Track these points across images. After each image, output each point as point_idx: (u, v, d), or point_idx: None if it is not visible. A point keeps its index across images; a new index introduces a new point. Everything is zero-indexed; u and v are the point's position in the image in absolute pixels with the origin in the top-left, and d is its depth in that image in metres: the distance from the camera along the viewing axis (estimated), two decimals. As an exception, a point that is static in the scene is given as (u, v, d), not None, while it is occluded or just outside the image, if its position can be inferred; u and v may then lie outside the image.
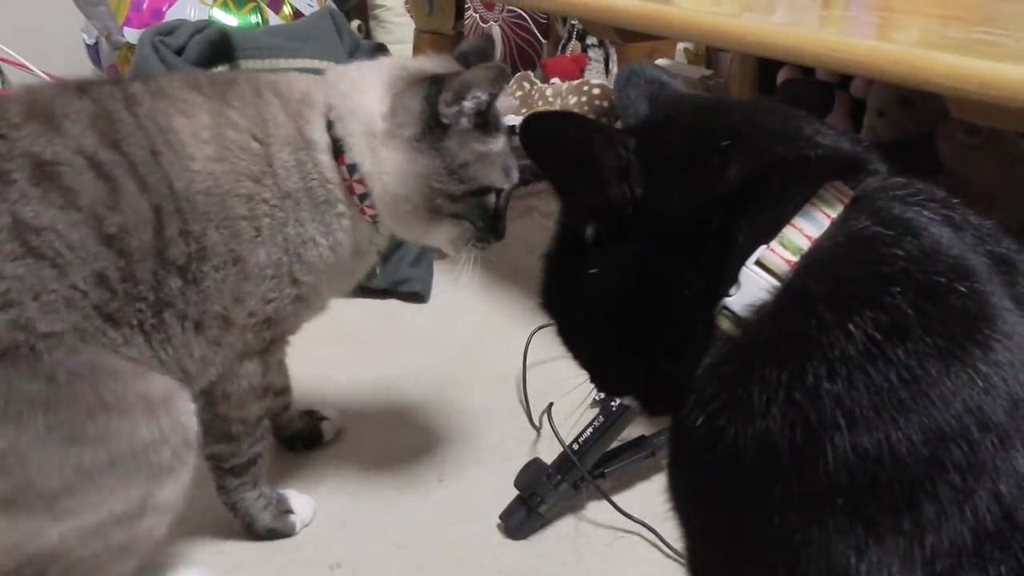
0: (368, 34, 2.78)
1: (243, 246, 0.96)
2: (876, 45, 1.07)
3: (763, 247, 0.58)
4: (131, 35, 2.13)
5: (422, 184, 1.01)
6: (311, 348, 1.59)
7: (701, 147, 0.62)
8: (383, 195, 1.03)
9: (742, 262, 0.59)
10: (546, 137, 0.64)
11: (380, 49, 2.02)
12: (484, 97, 1.00)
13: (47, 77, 2.10)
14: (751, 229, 0.59)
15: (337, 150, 1.02)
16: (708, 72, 2.57)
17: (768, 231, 0.58)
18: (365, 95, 1.04)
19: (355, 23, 2.71)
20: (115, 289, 0.87)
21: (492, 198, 1.04)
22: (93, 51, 2.30)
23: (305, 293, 1.04)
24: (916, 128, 2.04)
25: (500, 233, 1.09)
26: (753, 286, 0.58)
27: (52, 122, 0.88)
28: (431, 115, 1.00)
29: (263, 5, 2.18)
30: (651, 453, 1.22)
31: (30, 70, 2.13)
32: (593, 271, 0.64)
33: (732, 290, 0.59)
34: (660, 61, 2.71)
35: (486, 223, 1.06)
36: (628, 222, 0.62)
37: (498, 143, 1.04)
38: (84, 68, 2.42)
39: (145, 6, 2.15)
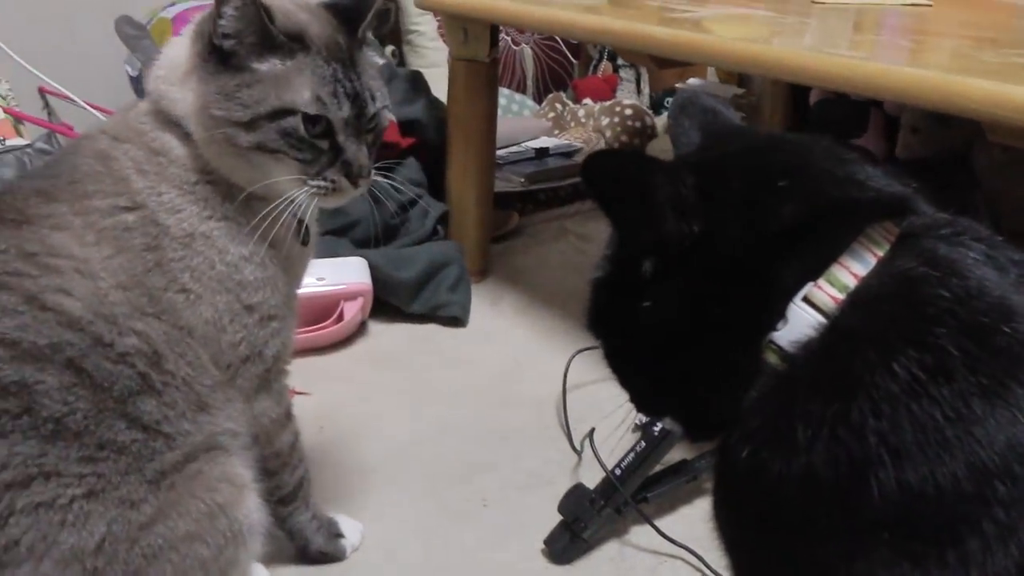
0: (402, 59, 2.82)
1: (185, 315, 0.91)
2: (911, 72, 1.08)
3: (811, 284, 0.60)
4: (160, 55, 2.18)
5: (207, 116, 0.90)
6: (351, 373, 1.63)
7: (758, 186, 0.64)
8: (198, 140, 0.92)
9: (790, 298, 0.60)
10: (607, 173, 0.66)
11: (416, 77, 2.06)
12: (239, 9, 0.87)
13: (92, 109, 2.16)
14: (800, 266, 0.61)
15: (182, 129, 0.93)
16: (740, 91, 2.58)
17: (816, 268, 0.60)
18: (173, 49, 0.96)
19: (389, 48, 2.76)
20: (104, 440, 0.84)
21: (300, 124, 0.90)
22: (136, 82, 2.35)
23: (267, 311, 0.98)
24: (952, 144, 2.03)
25: (349, 172, 0.94)
26: (800, 322, 0.60)
27: None
28: (207, 42, 0.90)
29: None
30: (693, 477, 1.23)
31: (75, 102, 2.18)
32: (646, 304, 0.66)
33: (779, 325, 0.61)
34: (692, 80, 2.73)
35: (314, 156, 0.92)
36: (683, 256, 0.64)
37: (291, 61, 0.90)
38: (127, 98, 2.48)
39: (187, 39, 2.21)
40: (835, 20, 1.56)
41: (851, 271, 0.59)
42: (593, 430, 1.31)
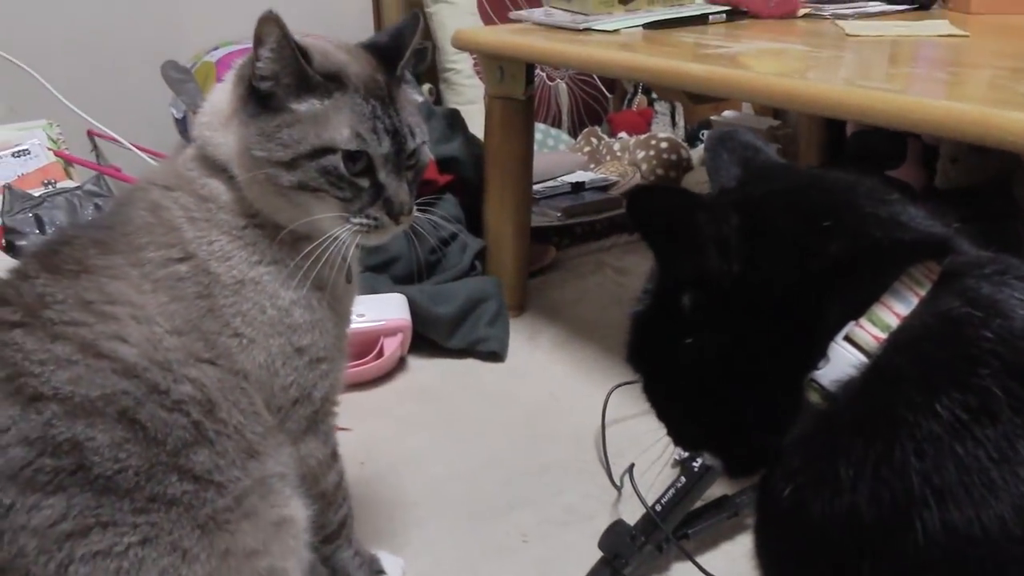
0: (439, 96, 2.86)
1: (239, 359, 0.93)
2: (949, 105, 1.08)
3: (852, 323, 0.60)
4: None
5: (249, 157, 0.92)
6: (391, 408, 1.64)
7: (802, 227, 0.64)
8: (242, 182, 0.94)
9: (831, 337, 0.61)
10: (650, 211, 0.66)
11: (454, 115, 2.09)
12: (274, 52, 0.89)
13: (138, 151, 2.21)
14: (842, 305, 0.61)
15: (227, 174, 0.95)
16: (776, 123, 2.58)
17: (858, 308, 0.60)
18: (216, 95, 0.99)
19: (426, 86, 2.80)
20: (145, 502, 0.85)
21: (340, 162, 0.91)
22: (181, 124, 2.41)
23: (316, 353, 0.99)
24: (991, 174, 2.02)
25: (391, 210, 0.94)
26: (842, 361, 0.60)
27: None
28: (247, 85, 0.93)
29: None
30: (735, 513, 1.22)
31: (122, 144, 2.24)
32: (688, 341, 0.67)
33: (821, 363, 0.61)
34: (727, 112, 2.74)
35: (355, 194, 0.93)
36: (725, 293, 0.65)
37: (329, 100, 0.92)
38: (172, 140, 2.54)
39: (230, 81, 2.26)
40: (870, 53, 1.56)
41: (893, 310, 0.60)
42: (633, 465, 1.30)
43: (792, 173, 0.76)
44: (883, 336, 0.59)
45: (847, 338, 0.60)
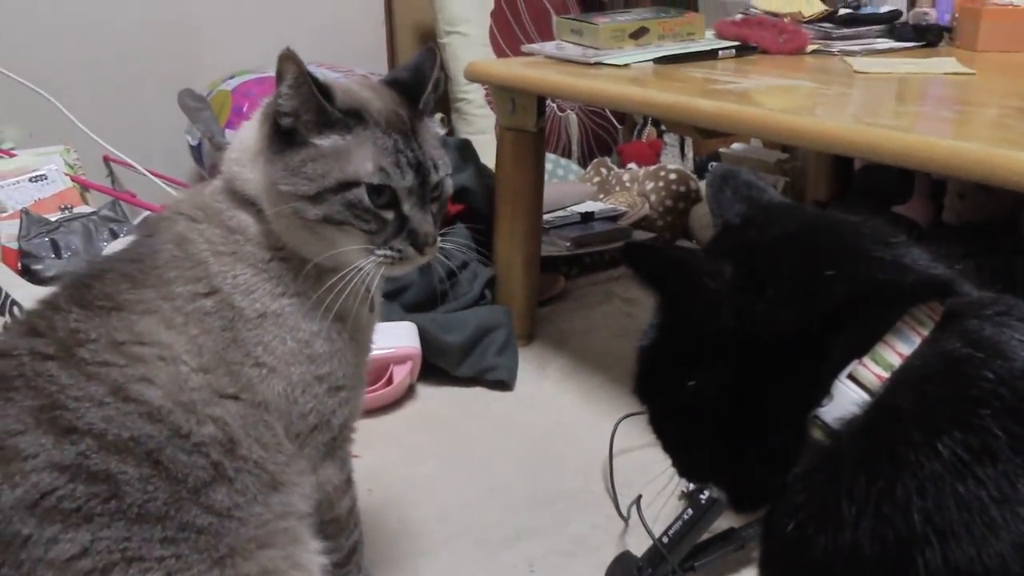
0: (451, 126, 2.89)
1: (261, 389, 0.95)
2: (956, 145, 1.09)
3: (856, 362, 0.62)
4: (232, 137, 2.27)
5: (275, 192, 0.94)
6: (399, 435, 1.65)
7: (805, 273, 0.66)
8: (269, 216, 0.96)
9: (835, 375, 0.62)
10: (645, 268, 0.69)
11: (466, 145, 2.12)
12: (292, 88, 0.91)
13: (152, 176, 2.24)
14: (846, 344, 0.62)
15: (255, 207, 0.97)
16: (784, 156, 2.60)
17: (862, 347, 0.62)
18: (243, 132, 1.01)
19: (438, 115, 2.83)
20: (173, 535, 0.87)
21: (365, 195, 0.92)
22: (196, 151, 2.44)
23: (335, 381, 1.01)
24: (999, 209, 2.03)
25: (416, 241, 0.96)
26: (845, 399, 0.61)
27: (7, 457, 0.83)
28: (272, 122, 0.95)
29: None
30: (741, 546, 1.23)
31: (136, 169, 2.27)
32: (691, 383, 0.68)
33: (825, 401, 0.62)
34: (735, 145, 2.76)
35: (380, 227, 0.94)
36: (727, 337, 0.66)
37: (350, 135, 0.93)
38: (187, 166, 2.58)
39: (245, 109, 2.30)
40: (878, 90, 1.58)
41: (896, 350, 0.61)
42: (640, 497, 1.31)
43: (795, 214, 0.77)
44: (886, 375, 0.60)
45: (851, 376, 0.61)
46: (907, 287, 0.64)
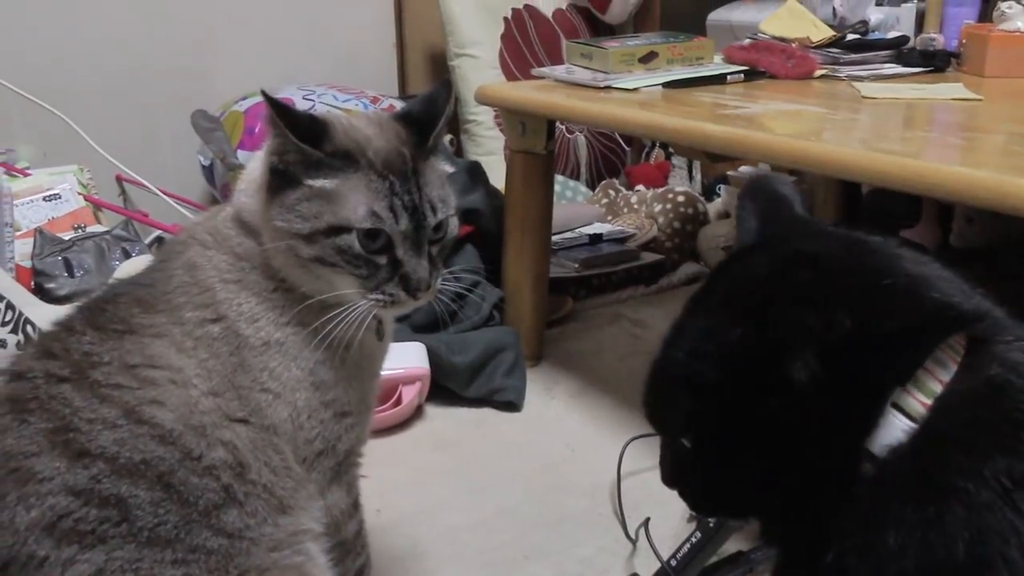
0: (459, 147, 2.91)
1: (268, 414, 0.95)
2: (964, 172, 1.10)
3: (899, 389, 0.61)
4: (244, 157, 2.29)
5: (272, 227, 0.94)
6: (407, 456, 1.66)
7: (864, 299, 0.64)
8: (268, 251, 0.96)
9: (884, 404, 0.61)
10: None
11: (475, 167, 2.14)
12: (276, 130, 0.91)
13: (165, 196, 2.26)
14: (893, 373, 0.62)
15: (261, 237, 0.98)
16: (792, 179, 2.61)
17: (906, 375, 0.61)
18: (252, 163, 1.01)
19: (447, 137, 2.85)
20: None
21: (356, 241, 0.91)
22: (208, 171, 2.46)
23: (340, 408, 1.01)
24: (1007, 234, 2.03)
25: (408, 286, 0.94)
26: (892, 428, 0.61)
27: (22, 478, 0.84)
28: (270, 159, 0.95)
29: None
30: (749, 569, 1.22)
31: (149, 189, 2.29)
32: (732, 419, 0.66)
33: (871, 430, 0.61)
34: (743, 168, 2.77)
35: (372, 272, 0.93)
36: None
37: (340, 178, 0.91)
38: (199, 186, 2.60)
39: (257, 130, 2.32)
40: (885, 115, 1.59)
41: (937, 377, 0.61)
42: (648, 519, 1.31)
43: (828, 238, 0.74)
44: (929, 403, 0.60)
45: (895, 405, 0.61)
46: (942, 311, 0.63)
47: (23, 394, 0.88)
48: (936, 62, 1.95)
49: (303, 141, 0.90)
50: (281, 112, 0.90)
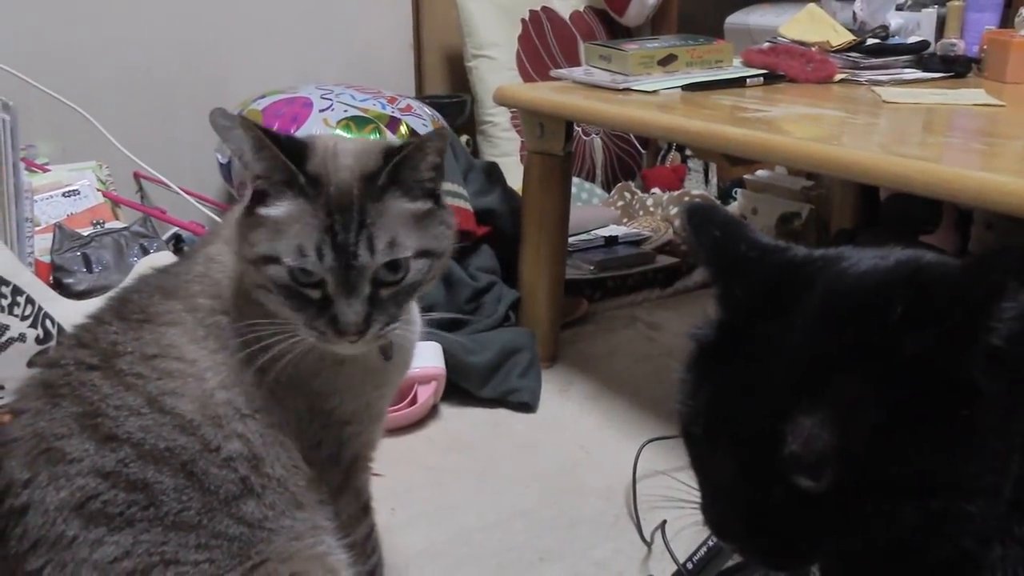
0: (475, 148, 2.91)
1: (276, 412, 0.96)
2: (986, 177, 1.10)
3: None
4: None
5: (236, 246, 0.94)
6: (423, 455, 1.66)
7: None
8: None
9: None
10: None
11: (492, 168, 2.14)
12: (239, 155, 0.91)
13: (183, 193, 2.27)
14: None
15: None
16: (809, 183, 2.60)
17: None
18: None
19: (463, 138, 2.85)
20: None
21: (285, 273, 0.88)
22: (225, 169, 2.47)
23: (341, 416, 1.01)
24: (1026, 241, 2.02)
25: (337, 328, 0.89)
26: None
27: (53, 459, 0.87)
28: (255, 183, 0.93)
29: (382, 126, 2.33)
30: (764, 574, 1.22)
31: (167, 186, 2.30)
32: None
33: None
34: (760, 172, 2.77)
35: (302, 306, 0.90)
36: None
37: (279, 209, 0.89)
38: (216, 184, 2.61)
39: (275, 128, 2.32)
40: (905, 120, 1.58)
41: None
42: (665, 522, 1.31)
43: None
44: None
45: None
46: None
47: (56, 380, 0.91)
48: (957, 67, 1.95)
49: (289, 159, 0.89)
50: (270, 136, 0.89)
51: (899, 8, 2.19)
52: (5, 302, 1.52)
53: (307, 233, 0.88)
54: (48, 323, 1.57)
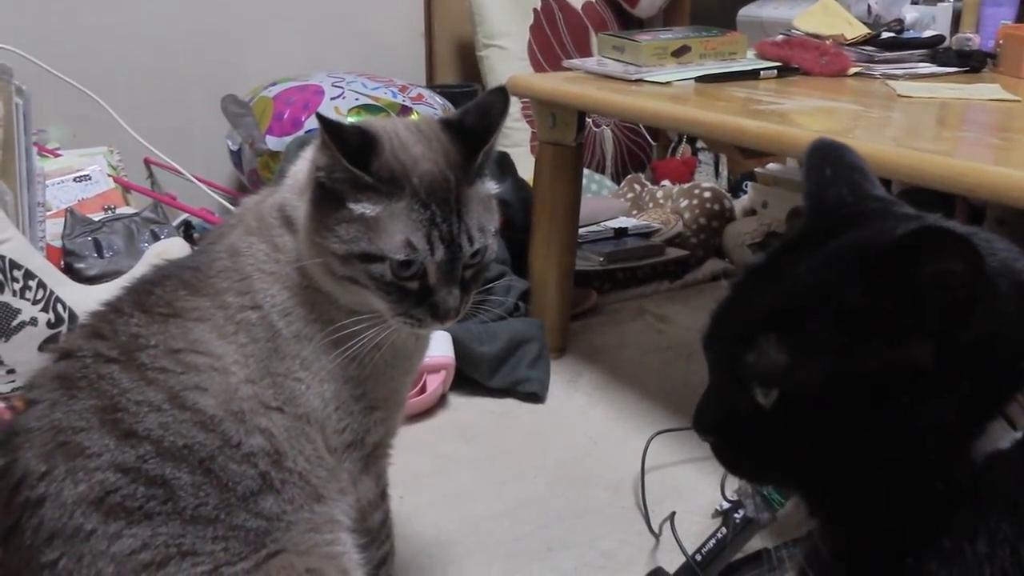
0: (486, 138, 2.90)
1: (302, 402, 0.96)
2: (1002, 171, 1.09)
3: (1012, 397, 0.59)
4: (273, 143, 2.30)
5: (310, 239, 0.93)
6: (432, 444, 1.66)
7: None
8: (303, 257, 0.96)
9: (994, 408, 0.59)
10: None
11: (504, 159, 2.13)
12: (325, 147, 0.89)
13: (194, 179, 2.27)
14: (995, 381, 0.59)
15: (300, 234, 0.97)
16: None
17: (1011, 384, 0.59)
18: (300, 163, 1.00)
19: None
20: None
21: (388, 271, 0.89)
22: (236, 156, 2.47)
23: (370, 402, 1.01)
24: (1039, 237, 2.01)
25: (436, 313, 0.92)
26: (995, 434, 0.59)
27: (71, 452, 0.86)
28: (317, 175, 0.92)
29: (394, 115, 2.32)
30: (773, 567, 1.22)
31: (178, 172, 2.30)
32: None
33: (978, 434, 0.59)
34: (771, 165, 2.76)
35: (401, 297, 0.91)
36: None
37: (383, 205, 0.89)
38: (227, 170, 2.61)
39: (286, 116, 2.32)
40: (920, 114, 1.57)
41: None
42: (674, 513, 1.31)
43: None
44: None
45: (1003, 412, 0.59)
46: None
47: (72, 372, 0.90)
48: (972, 62, 1.93)
49: (353, 164, 0.88)
50: (334, 133, 0.88)
51: (914, 2, 2.18)
52: (17, 286, 1.53)
53: (411, 228, 0.89)
54: (59, 307, 1.57)
